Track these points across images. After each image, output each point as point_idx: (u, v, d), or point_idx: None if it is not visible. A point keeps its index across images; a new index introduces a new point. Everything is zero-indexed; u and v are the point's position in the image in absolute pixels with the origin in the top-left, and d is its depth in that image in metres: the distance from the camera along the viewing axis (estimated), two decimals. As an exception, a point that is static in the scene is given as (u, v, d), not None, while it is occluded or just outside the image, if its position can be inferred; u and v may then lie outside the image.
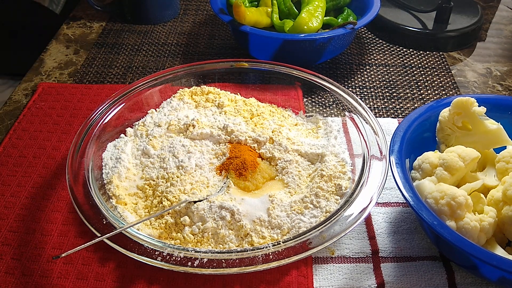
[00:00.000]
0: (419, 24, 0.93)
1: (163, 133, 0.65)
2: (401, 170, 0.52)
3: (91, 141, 0.61)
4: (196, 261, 0.48)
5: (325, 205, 0.55)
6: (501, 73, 0.87)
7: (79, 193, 0.54)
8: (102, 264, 0.53)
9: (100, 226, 0.50)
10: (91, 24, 0.99)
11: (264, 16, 0.82)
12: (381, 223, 0.58)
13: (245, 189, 0.59)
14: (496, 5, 1.10)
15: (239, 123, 0.66)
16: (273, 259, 0.48)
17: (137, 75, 0.84)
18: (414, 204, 0.48)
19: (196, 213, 0.54)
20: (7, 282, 0.52)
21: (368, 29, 0.98)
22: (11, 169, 0.65)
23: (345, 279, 0.53)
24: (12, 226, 0.57)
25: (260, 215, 0.55)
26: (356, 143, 0.62)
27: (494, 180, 0.55)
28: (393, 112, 0.77)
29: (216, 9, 0.82)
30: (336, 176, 0.58)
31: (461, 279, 0.52)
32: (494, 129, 0.56)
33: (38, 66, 0.87)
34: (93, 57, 0.89)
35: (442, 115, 0.58)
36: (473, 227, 0.48)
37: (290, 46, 0.79)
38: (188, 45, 0.93)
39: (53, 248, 0.55)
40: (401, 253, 0.55)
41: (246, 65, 0.73)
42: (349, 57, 0.89)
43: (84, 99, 0.77)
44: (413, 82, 0.84)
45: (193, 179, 0.58)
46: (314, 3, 0.80)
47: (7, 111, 0.76)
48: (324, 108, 0.71)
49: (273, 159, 0.62)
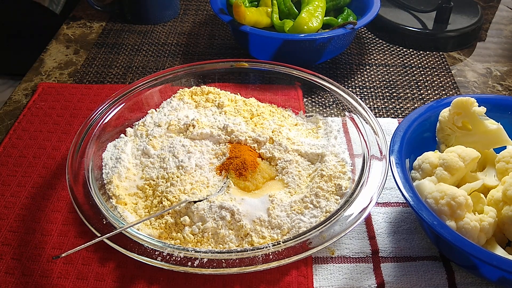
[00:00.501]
0: (419, 24, 0.93)
1: (163, 133, 0.65)
2: (401, 170, 0.52)
3: (91, 141, 0.61)
4: (196, 261, 0.48)
5: (325, 205, 0.55)
6: (501, 73, 0.87)
7: (79, 193, 0.54)
8: (102, 264, 0.53)
9: (100, 226, 0.50)
10: (91, 24, 0.99)
11: (264, 16, 0.82)
12: (381, 223, 0.58)
13: (245, 189, 0.59)
14: (496, 5, 1.10)
15: (239, 123, 0.66)
16: (273, 259, 0.48)
17: (137, 75, 0.84)
18: (414, 204, 0.48)
19: (196, 213, 0.54)
20: (7, 282, 0.52)
21: (368, 29, 0.98)
22: (11, 169, 0.65)
23: (345, 279, 0.53)
24: (12, 226, 0.57)
25: (260, 215, 0.55)
26: (356, 143, 0.62)
27: (494, 180, 0.55)
28: (393, 112, 0.77)
29: (216, 9, 0.82)
30: (336, 176, 0.58)
31: (461, 279, 0.52)
32: (494, 129, 0.56)
33: (38, 66, 0.87)
34: (93, 57, 0.89)
35: (442, 115, 0.58)
36: (473, 227, 0.48)
37: (290, 46, 0.79)
38: (188, 45, 0.93)
39: (53, 248, 0.55)
40: (401, 253, 0.55)
41: (246, 65, 0.73)
42: (349, 57, 0.89)
43: (84, 99, 0.77)
44: (413, 82, 0.84)
45: (193, 179, 0.58)
46: (314, 3, 0.80)
47: (7, 111, 0.76)
48: (324, 108, 0.71)
49: (273, 159, 0.62)
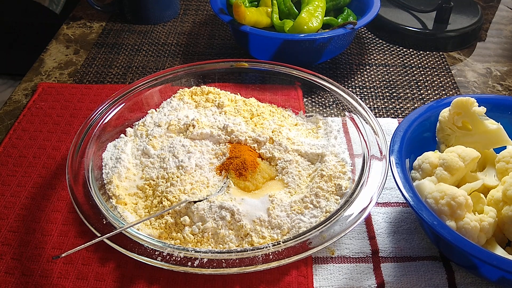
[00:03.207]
0: (419, 24, 0.93)
1: (163, 133, 0.65)
2: (401, 170, 0.52)
3: (91, 141, 0.61)
4: (196, 261, 0.48)
5: (325, 205, 0.55)
6: (501, 73, 0.87)
7: (79, 193, 0.54)
8: (102, 264, 0.53)
9: (100, 226, 0.50)
10: (91, 24, 0.99)
11: (264, 16, 0.82)
12: (381, 223, 0.58)
13: (245, 189, 0.59)
14: (496, 5, 1.10)
15: (239, 123, 0.66)
16: (273, 259, 0.48)
17: (137, 75, 0.84)
18: (414, 204, 0.48)
19: (196, 213, 0.54)
20: (7, 282, 0.52)
21: (368, 29, 0.98)
22: (11, 169, 0.65)
23: (345, 279, 0.53)
24: (12, 226, 0.57)
25: (260, 215, 0.55)
26: (356, 143, 0.62)
27: (494, 180, 0.55)
28: (393, 112, 0.77)
29: (216, 9, 0.82)
30: (336, 176, 0.58)
31: (461, 279, 0.52)
32: (494, 129, 0.56)
33: (38, 66, 0.87)
34: (93, 57, 0.89)
35: (442, 115, 0.58)
36: (473, 227, 0.48)
37: (290, 46, 0.79)
38: (188, 45, 0.93)
39: (53, 248, 0.55)
40: (401, 253, 0.55)
41: (246, 65, 0.73)
42: (349, 57, 0.89)
43: (84, 99, 0.77)
44: (413, 82, 0.84)
45: (193, 179, 0.58)
46: (314, 3, 0.80)
47: (7, 111, 0.76)
48: (324, 108, 0.71)
49: (273, 159, 0.62)
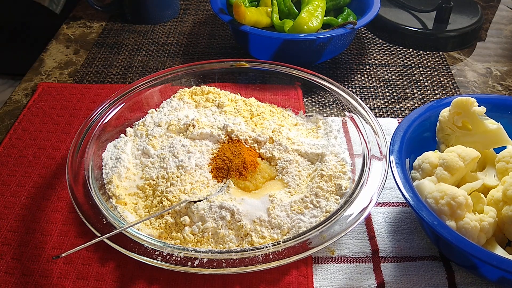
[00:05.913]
0: (419, 24, 0.93)
1: (163, 133, 0.65)
2: (401, 170, 0.52)
3: (91, 141, 0.61)
4: (196, 261, 0.48)
5: (325, 205, 0.55)
6: (501, 73, 0.87)
7: (79, 193, 0.54)
8: (102, 264, 0.53)
9: (100, 226, 0.50)
10: (91, 24, 0.99)
11: (264, 16, 0.82)
12: (381, 223, 0.58)
13: (245, 189, 0.59)
14: (496, 5, 1.10)
15: (239, 123, 0.66)
16: (273, 259, 0.48)
17: (137, 75, 0.84)
18: (414, 204, 0.48)
19: (196, 213, 0.54)
20: (7, 282, 0.52)
21: (368, 29, 0.98)
22: (11, 169, 0.65)
23: (345, 279, 0.53)
24: (12, 226, 0.57)
25: (260, 215, 0.55)
26: (356, 143, 0.62)
27: (494, 180, 0.55)
28: (393, 112, 0.77)
29: (216, 9, 0.82)
30: (336, 176, 0.58)
31: (461, 279, 0.52)
32: (494, 129, 0.56)
33: (38, 66, 0.87)
34: (93, 57, 0.89)
35: (442, 115, 0.58)
36: (473, 227, 0.48)
37: (290, 46, 0.79)
38: (188, 45, 0.93)
39: (53, 248, 0.55)
40: (401, 253, 0.55)
41: (246, 65, 0.73)
42: (349, 57, 0.89)
43: (84, 99, 0.77)
44: (413, 82, 0.84)
45: (193, 179, 0.58)
46: (314, 3, 0.80)
47: (7, 111, 0.76)
48: (324, 108, 0.71)
49: (273, 159, 0.62)
